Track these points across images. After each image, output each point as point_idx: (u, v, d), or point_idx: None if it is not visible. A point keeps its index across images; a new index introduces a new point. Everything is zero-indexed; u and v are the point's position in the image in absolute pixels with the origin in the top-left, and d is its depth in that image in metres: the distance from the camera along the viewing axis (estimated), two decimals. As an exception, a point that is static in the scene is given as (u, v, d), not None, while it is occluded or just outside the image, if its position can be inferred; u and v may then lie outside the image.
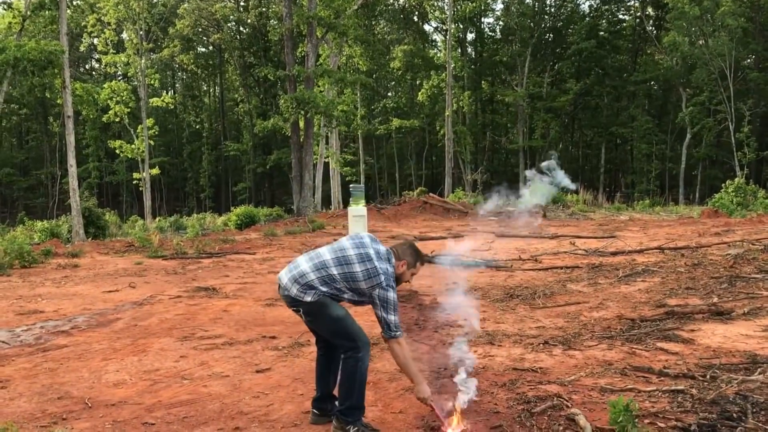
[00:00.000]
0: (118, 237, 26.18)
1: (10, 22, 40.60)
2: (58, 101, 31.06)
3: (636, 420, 3.91)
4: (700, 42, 45.80)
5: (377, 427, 4.69)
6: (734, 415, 4.48)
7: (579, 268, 11.95)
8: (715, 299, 8.43)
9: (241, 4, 62.63)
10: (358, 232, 4.75)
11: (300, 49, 33.42)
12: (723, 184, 30.91)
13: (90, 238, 24.31)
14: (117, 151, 46.80)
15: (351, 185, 17.47)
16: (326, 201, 46.70)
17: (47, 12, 31.14)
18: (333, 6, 29.71)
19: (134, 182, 49.42)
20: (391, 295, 4.36)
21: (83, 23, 46.36)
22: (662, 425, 4.39)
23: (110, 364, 6.80)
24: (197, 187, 65.17)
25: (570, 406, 4.87)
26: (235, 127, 70.13)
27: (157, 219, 39.01)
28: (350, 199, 16.65)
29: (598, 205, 37.95)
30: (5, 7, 33.22)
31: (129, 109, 44.73)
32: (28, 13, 31.67)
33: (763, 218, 22.35)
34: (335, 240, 5.74)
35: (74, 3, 33.93)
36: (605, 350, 6.52)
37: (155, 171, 46.11)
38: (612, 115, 57.99)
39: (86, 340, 7.86)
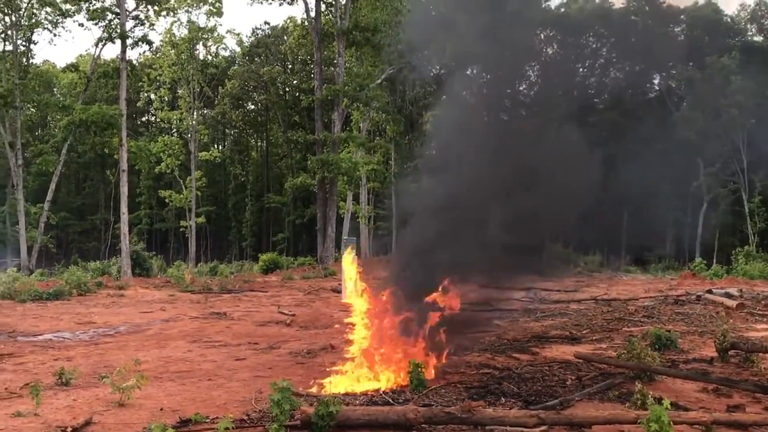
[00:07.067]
0: (159, 276, 29.70)
1: (76, 83, 45.52)
2: (115, 157, 35.20)
3: (422, 372, 6.87)
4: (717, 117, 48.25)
5: None
6: (502, 382, 7.42)
7: (516, 311, 14.80)
8: (585, 331, 11.26)
9: (288, 67, 67.27)
10: None
11: (331, 115, 37.07)
12: (733, 251, 33.28)
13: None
14: (167, 200, 50.96)
15: (344, 238, 20.70)
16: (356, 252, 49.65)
17: (110, 80, 35.33)
18: (357, 81, 33.38)
19: (181, 229, 53.24)
20: None
21: (140, 83, 51.10)
22: (458, 385, 7.34)
23: (140, 352, 9.95)
24: (240, 236, 68.96)
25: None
26: (278, 180, 73.89)
27: (198, 264, 42.51)
28: (343, 250, 19.85)
29: (608, 265, 40.39)
30: (72, 70, 37.60)
31: (179, 162, 48.92)
32: (94, 77, 36.14)
33: (735, 280, 24.76)
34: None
35: (134, 72, 38.33)
36: (475, 356, 9.42)
37: (201, 220, 49.96)
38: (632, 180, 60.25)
39: (125, 340, 11.10)
